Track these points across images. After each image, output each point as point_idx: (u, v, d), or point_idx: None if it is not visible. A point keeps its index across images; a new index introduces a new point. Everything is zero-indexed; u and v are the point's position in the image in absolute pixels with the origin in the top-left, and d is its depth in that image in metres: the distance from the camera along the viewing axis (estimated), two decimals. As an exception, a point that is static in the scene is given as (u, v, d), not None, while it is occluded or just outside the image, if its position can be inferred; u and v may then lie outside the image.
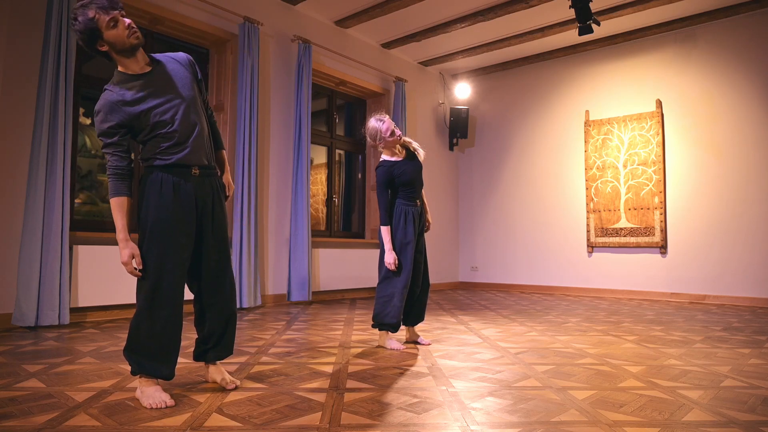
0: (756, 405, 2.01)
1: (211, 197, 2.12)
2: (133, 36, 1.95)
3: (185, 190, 2.03)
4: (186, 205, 2.03)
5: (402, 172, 3.19)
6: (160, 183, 2.00)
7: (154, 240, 1.99)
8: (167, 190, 2.00)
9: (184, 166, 2.04)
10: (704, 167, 6.16)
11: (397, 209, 3.21)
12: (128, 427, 1.72)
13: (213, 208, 2.13)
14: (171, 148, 2.02)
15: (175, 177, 2.02)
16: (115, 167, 1.99)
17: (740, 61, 5.99)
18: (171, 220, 2.00)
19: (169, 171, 2.02)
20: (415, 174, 3.25)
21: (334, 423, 1.76)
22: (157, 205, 1.99)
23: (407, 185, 3.22)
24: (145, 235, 2.01)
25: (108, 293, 4.16)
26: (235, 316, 2.24)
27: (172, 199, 2.00)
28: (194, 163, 2.06)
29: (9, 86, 3.83)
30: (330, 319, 4.42)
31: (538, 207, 7.47)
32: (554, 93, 7.41)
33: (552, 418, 1.84)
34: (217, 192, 2.17)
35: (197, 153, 2.07)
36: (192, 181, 2.06)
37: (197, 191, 2.07)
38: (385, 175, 3.18)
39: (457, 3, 5.83)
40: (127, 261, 1.96)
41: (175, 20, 4.82)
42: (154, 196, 2.00)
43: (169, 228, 1.99)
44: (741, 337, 3.62)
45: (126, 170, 2.00)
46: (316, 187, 7.01)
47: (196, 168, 2.07)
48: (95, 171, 5.31)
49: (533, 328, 3.98)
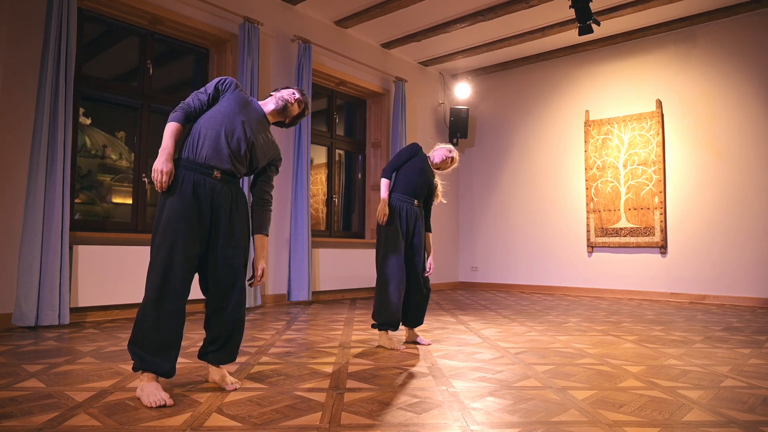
0: (756, 405, 2.02)
1: (229, 203, 2.17)
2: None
3: (204, 190, 2.10)
4: (202, 204, 2.10)
5: (422, 167, 3.32)
6: (182, 181, 2.08)
7: (166, 233, 2.03)
8: (187, 187, 2.08)
9: (207, 167, 2.12)
10: (704, 167, 6.16)
11: (394, 203, 3.24)
12: (128, 427, 1.72)
13: (230, 213, 2.17)
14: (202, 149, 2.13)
15: (197, 175, 2.11)
16: (188, 105, 2.19)
17: (740, 61, 5.99)
18: (185, 216, 2.05)
19: (193, 169, 2.11)
20: (428, 178, 3.34)
21: (334, 423, 1.76)
22: (174, 201, 2.06)
23: (410, 182, 3.26)
24: (159, 226, 2.06)
25: (108, 293, 4.16)
26: (242, 322, 2.23)
27: (190, 196, 2.07)
28: (218, 166, 2.14)
29: (9, 86, 3.82)
30: (330, 319, 4.42)
31: (538, 207, 7.47)
32: (554, 93, 7.41)
33: (552, 418, 1.84)
34: (236, 200, 2.21)
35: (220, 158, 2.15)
36: (212, 182, 2.13)
37: (215, 193, 2.13)
38: (410, 150, 3.36)
39: (457, 3, 5.83)
40: (161, 168, 2.03)
41: (175, 20, 4.81)
42: (175, 191, 2.07)
43: (182, 224, 2.04)
44: (741, 337, 3.62)
45: (193, 112, 2.19)
46: (316, 187, 7.02)
47: (218, 172, 2.14)
48: (95, 171, 5.32)
49: (533, 328, 3.98)
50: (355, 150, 7.13)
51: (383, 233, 3.22)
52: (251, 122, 2.24)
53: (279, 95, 2.40)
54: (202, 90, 2.26)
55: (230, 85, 2.28)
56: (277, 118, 2.41)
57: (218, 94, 2.26)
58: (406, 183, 3.28)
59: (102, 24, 4.73)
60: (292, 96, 2.40)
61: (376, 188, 7.03)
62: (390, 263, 3.16)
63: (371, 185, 7.03)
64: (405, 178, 3.29)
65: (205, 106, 2.22)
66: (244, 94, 2.31)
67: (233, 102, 2.23)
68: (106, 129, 5.51)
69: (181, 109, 2.17)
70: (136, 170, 4.74)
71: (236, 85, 2.30)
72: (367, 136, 7.21)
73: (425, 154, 3.42)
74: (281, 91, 2.43)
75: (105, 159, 5.43)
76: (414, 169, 3.30)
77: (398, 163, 3.32)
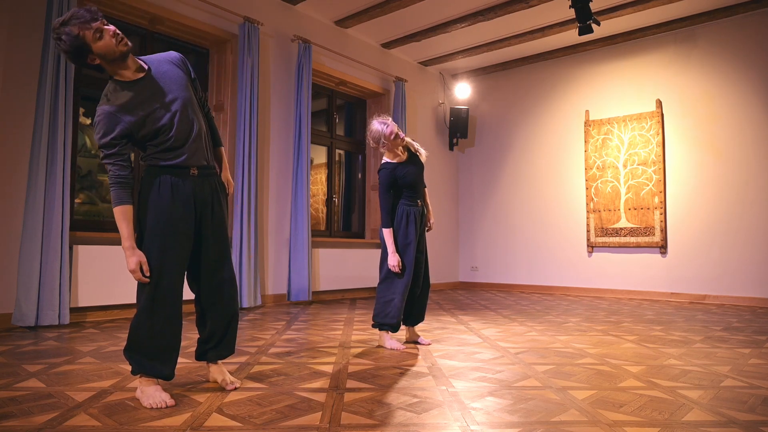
0: (756, 405, 2.01)
1: (210, 197, 2.12)
2: (121, 43, 1.94)
3: (183, 190, 2.03)
4: (184, 205, 2.03)
5: (405, 173, 3.18)
6: (159, 183, 2.01)
7: (152, 240, 1.99)
8: (165, 190, 2.00)
9: (182, 167, 2.04)
10: (704, 167, 6.15)
11: (399, 210, 3.21)
12: (128, 427, 1.72)
13: (212, 208, 2.13)
14: (169, 151, 2.02)
15: (174, 177, 2.03)
16: (117, 176, 1.95)
17: (740, 61, 5.99)
18: (169, 220, 2.00)
19: (168, 171, 2.03)
20: (418, 175, 3.26)
21: (334, 423, 1.76)
22: (155, 206, 2.00)
23: (410, 187, 3.22)
24: (144, 235, 2.01)
25: (108, 293, 4.16)
26: (236, 316, 2.24)
27: (170, 199, 2.00)
28: (193, 164, 2.06)
29: (9, 86, 3.82)
30: (330, 319, 4.42)
31: (538, 207, 7.46)
32: (554, 93, 7.41)
33: (552, 418, 1.84)
34: (217, 191, 2.17)
35: (196, 155, 2.07)
36: (190, 181, 2.06)
37: (196, 191, 2.07)
38: (388, 178, 3.16)
39: (457, 3, 5.83)
40: (135, 269, 1.94)
41: (175, 20, 4.81)
42: (153, 196, 2.00)
43: (167, 228, 1.99)
44: (741, 337, 3.62)
45: (128, 179, 1.97)
46: (316, 187, 7.01)
47: (194, 168, 2.07)
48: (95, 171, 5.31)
49: (533, 328, 3.98)
50: (355, 150, 7.13)
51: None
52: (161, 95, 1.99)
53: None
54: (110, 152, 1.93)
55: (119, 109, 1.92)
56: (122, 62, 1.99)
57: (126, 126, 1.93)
58: (404, 192, 3.23)
59: (102, 24, 4.72)
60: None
61: (376, 188, 7.03)
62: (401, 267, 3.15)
63: (371, 185, 7.03)
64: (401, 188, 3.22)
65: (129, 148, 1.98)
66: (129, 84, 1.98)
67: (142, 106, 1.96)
68: (106, 129, 5.50)
69: (118, 185, 1.93)
70: (135, 170, 4.74)
71: (114, 97, 1.94)
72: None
73: (390, 162, 3.20)
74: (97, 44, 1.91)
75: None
76: (402, 180, 3.18)
77: (389, 199, 3.17)
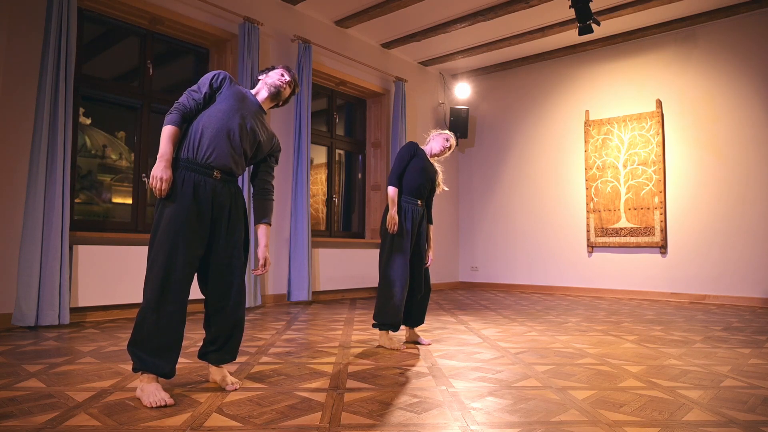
0: (756, 405, 2.01)
1: (229, 202, 2.16)
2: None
3: (204, 190, 2.09)
4: (204, 206, 2.08)
5: (421, 166, 3.30)
6: (183, 180, 2.06)
7: (167, 235, 2.01)
8: (188, 188, 2.06)
9: (207, 167, 2.10)
10: (704, 167, 6.15)
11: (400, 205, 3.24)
12: (128, 427, 1.72)
13: (229, 212, 2.17)
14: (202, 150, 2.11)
15: (197, 176, 2.08)
16: (183, 106, 2.13)
17: (740, 61, 5.99)
18: (187, 218, 2.03)
19: (192, 169, 2.09)
20: (430, 176, 3.33)
21: (334, 423, 1.76)
22: (176, 202, 2.04)
23: (416, 180, 3.26)
24: (159, 228, 2.04)
25: (108, 293, 4.16)
26: (242, 322, 2.23)
27: (191, 197, 2.05)
28: (217, 165, 2.12)
29: (9, 86, 3.82)
30: (330, 319, 4.42)
31: (538, 207, 7.47)
32: (554, 93, 7.41)
33: (552, 418, 1.84)
34: (235, 198, 2.20)
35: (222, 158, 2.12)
36: (212, 183, 2.11)
37: (216, 194, 2.12)
38: (408, 151, 3.32)
39: (457, 3, 5.83)
40: (160, 176, 1.99)
41: (175, 20, 4.81)
42: (175, 191, 2.05)
43: (183, 226, 2.02)
44: (741, 337, 3.62)
45: (189, 113, 2.13)
46: (316, 187, 7.01)
47: (218, 171, 2.12)
48: (95, 171, 5.31)
49: (533, 328, 3.98)
50: (355, 150, 7.13)
51: (390, 234, 3.22)
52: (251, 118, 2.22)
53: (270, 82, 2.34)
54: (195, 88, 2.19)
55: (225, 81, 2.23)
56: (271, 104, 2.39)
57: (213, 91, 2.20)
58: (410, 185, 3.27)
59: (102, 24, 4.73)
60: (281, 79, 2.35)
61: (375, 188, 7.03)
62: (395, 264, 3.16)
63: (371, 185, 7.03)
64: (408, 180, 3.28)
65: (201, 105, 2.17)
66: (240, 88, 2.28)
67: (231, 99, 2.19)
68: (106, 129, 5.51)
69: (176, 110, 2.11)
70: (136, 170, 4.74)
71: (230, 79, 2.26)
72: (367, 136, 7.21)
73: (423, 149, 3.42)
74: (269, 75, 2.36)
75: (105, 159, 5.43)
76: (416, 169, 3.29)
77: (402, 167, 3.29)
